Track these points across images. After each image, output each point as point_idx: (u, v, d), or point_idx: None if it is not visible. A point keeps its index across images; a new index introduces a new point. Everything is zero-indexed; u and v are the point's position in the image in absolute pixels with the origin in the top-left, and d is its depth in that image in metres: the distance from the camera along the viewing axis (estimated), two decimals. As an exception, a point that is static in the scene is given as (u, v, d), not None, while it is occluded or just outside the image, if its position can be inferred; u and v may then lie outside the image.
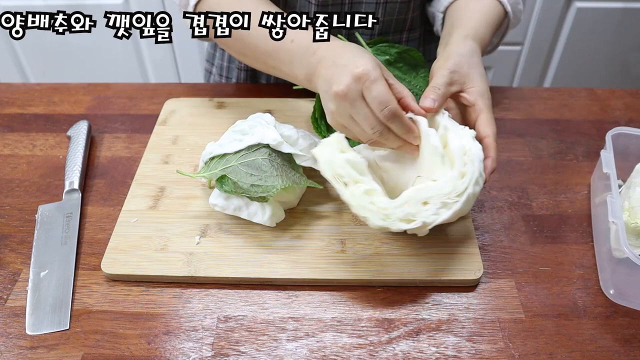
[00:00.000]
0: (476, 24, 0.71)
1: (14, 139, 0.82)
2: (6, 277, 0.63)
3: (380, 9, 0.83)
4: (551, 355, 0.55)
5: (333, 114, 0.59)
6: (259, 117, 0.70)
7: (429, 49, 0.94)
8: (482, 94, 0.63)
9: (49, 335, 0.57)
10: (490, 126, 0.62)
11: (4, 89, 0.92)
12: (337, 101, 0.57)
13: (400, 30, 0.87)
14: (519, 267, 0.64)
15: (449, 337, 0.57)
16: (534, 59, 1.59)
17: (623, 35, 1.53)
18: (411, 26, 0.88)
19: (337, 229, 0.66)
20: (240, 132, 0.68)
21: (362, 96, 0.57)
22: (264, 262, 0.62)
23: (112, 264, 0.62)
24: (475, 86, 0.63)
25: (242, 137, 0.67)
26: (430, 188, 0.57)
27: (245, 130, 0.68)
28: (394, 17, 0.85)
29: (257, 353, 0.56)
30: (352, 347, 0.56)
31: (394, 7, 0.83)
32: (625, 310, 0.59)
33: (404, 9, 0.84)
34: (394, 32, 0.87)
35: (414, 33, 0.89)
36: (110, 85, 0.93)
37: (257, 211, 0.64)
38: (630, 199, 0.63)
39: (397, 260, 0.62)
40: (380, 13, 0.83)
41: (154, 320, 0.58)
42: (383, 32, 0.86)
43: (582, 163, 0.77)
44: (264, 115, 0.70)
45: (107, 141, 0.82)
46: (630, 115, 0.86)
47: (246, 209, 0.64)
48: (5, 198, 0.73)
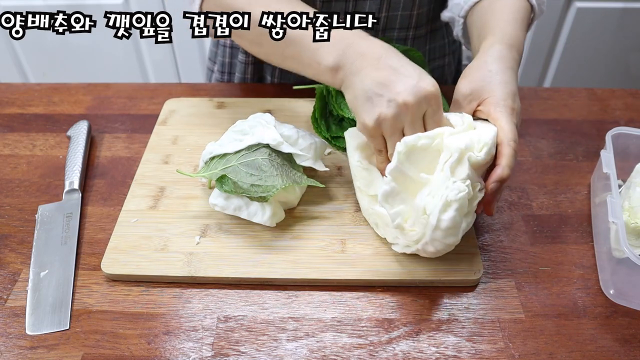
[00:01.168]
0: (503, 24, 0.68)
1: (14, 139, 0.82)
2: (6, 277, 0.63)
3: (385, 4, 0.83)
4: (551, 355, 0.55)
5: (384, 119, 0.57)
6: (259, 117, 0.70)
7: (433, 47, 0.94)
8: (497, 103, 0.60)
9: (49, 335, 0.57)
10: (505, 132, 0.58)
11: (4, 89, 0.92)
12: (399, 110, 0.56)
13: (406, 27, 0.87)
14: (519, 267, 0.64)
15: (449, 337, 0.57)
16: (534, 59, 1.59)
17: (623, 35, 1.53)
18: (417, 23, 0.87)
19: (337, 229, 0.66)
20: (241, 132, 0.68)
21: (423, 115, 0.57)
22: (264, 262, 0.62)
23: (112, 264, 0.62)
24: (490, 96, 0.61)
25: (242, 137, 0.67)
26: (387, 220, 0.57)
27: (246, 130, 0.68)
28: (399, 12, 0.84)
29: (257, 353, 0.56)
30: (352, 347, 0.56)
31: (398, 2, 0.83)
32: (625, 310, 0.59)
33: (409, 5, 0.84)
34: (400, 29, 0.87)
35: (420, 30, 0.89)
36: (110, 85, 0.93)
37: (257, 211, 0.64)
38: (630, 199, 0.63)
39: (397, 260, 0.62)
40: (385, 8, 0.83)
41: (154, 320, 0.58)
42: (387, 27, 0.86)
43: (582, 163, 0.77)
44: (264, 115, 0.70)
45: (107, 141, 0.82)
46: (630, 115, 0.86)
47: (246, 209, 0.64)
48: (5, 198, 0.73)
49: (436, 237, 0.54)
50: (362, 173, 0.65)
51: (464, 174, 0.54)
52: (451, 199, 0.53)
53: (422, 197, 0.55)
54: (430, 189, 0.55)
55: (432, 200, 0.54)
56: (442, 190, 0.54)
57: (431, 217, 0.53)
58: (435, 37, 0.93)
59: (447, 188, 0.53)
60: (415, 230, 0.55)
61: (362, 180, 0.65)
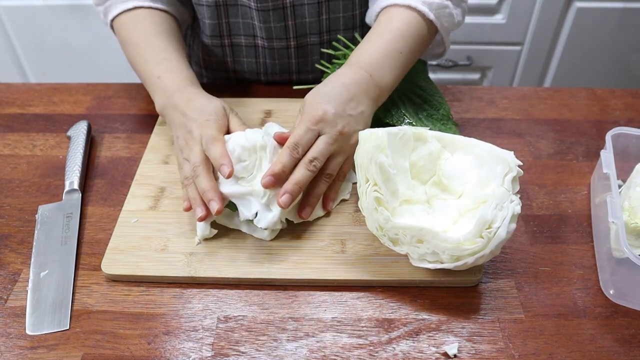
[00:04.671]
0: (366, 46, 0.72)
1: (14, 139, 0.82)
2: (6, 277, 0.63)
3: (324, 7, 0.84)
4: (551, 355, 0.55)
5: (177, 144, 0.68)
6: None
7: None
8: (302, 107, 0.67)
9: (49, 335, 0.57)
10: (291, 135, 0.64)
11: (4, 89, 0.92)
12: (186, 142, 0.66)
13: (351, 27, 0.88)
14: (519, 267, 0.64)
15: (449, 337, 0.57)
16: (534, 59, 1.59)
17: (623, 35, 1.53)
18: (362, 23, 0.88)
19: (337, 229, 0.66)
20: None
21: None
22: (264, 262, 0.62)
23: (112, 264, 0.62)
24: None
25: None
26: (434, 232, 0.56)
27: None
28: (340, 14, 0.85)
29: (257, 353, 0.56)
30: (352, 347, 0.56)
31: (337, 4, 0.84)
32: (625, 310, 0.59)
33: (349, 6, 0.85)
34: (344, 29, 0.87)
35: (368, 29, 0.89)
36: (110, 85, 0.93)
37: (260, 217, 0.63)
38: (630, 199, 0.63)
39: (397, 260, 0.62)
40: (324, 11, 0.84)
41: (154, 321, 0.58)
42: (331, 29, 0.87)
43: (582, 163, 0.77)
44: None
45: (107, 141, 0.82)
46: (630, 115, 0.86)
47: (246, 226, 0.65)
48: (5, 198, 0.73)
49: (493, 249, 0.55)
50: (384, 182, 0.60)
51: (517, 188, 0.59)
52: (517, 212, 0.56)
53: (488, 210, 0.56)
54: (496, 202, 0.56)
55: (499, 213, 0.56)
56: (506, 203, 0.56)
57: (500, 229, 0.55)
58: None
59: (512, 202, 0.57)
60: (477, 243, 0.55)
61: (370, 176, 0.60)
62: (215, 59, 0.93)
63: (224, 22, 0.86)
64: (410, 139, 0.63)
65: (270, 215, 0.62)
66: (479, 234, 0.55)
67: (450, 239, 0.55)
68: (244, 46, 0.89)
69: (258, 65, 0.91)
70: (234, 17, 0.85)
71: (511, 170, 0.59)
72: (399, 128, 0.63)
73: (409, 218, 0.60)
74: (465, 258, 0.55)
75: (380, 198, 0.59)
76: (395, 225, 0.57)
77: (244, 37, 0.88)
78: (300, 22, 0.85)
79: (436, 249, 0.56)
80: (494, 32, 1.54)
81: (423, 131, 0.64)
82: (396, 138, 0.62)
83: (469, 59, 1.59)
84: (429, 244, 0.56)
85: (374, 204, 0.58)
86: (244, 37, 0.88)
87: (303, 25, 0.85)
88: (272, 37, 0.86)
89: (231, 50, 0.90)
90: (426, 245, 0.56)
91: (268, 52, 0.88)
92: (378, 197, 0.59)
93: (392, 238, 0.59)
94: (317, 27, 0.86)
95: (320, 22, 0.85)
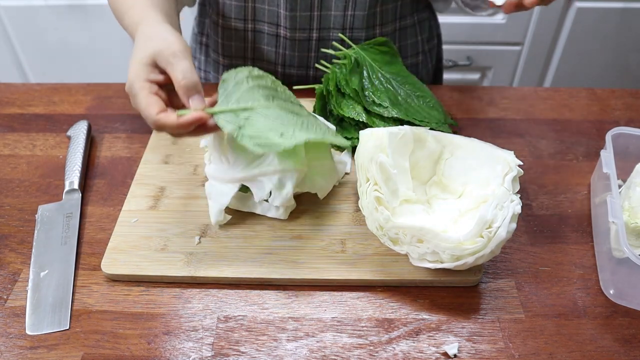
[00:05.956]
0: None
1: (14, 139, 0.82)
2: (6, 277, 0.63)
3: (350, 3, 0.84)
4: (551, 355, 0.55)
5: None
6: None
7: (404, 45, 0.94)
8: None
9: (49, 335, 0.57)
10: None
11: (4, 89, 0.92)
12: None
13: (372, 25, 0.88)
14: (519, 267, 0.64)
15: (449, 337, 0.57)
16: (534, 59, 1.59)
17: (623, 35, 1.53)
18: (382, 21, 0.88)
19: (337, 229, 0.66)
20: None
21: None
22: (264, 262, 0.62)
23: (112, 264, 0.62)
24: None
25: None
26: (434, 231, 0.56)
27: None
28: (365, 12, 0.85)
29: (257, 353, 0.56)
30: (352, 347, 0.56)
31: (364, 1, 0.84)
32: (625, 310, 0.59)
33: (373, 2, 0.85)
34: (367, 28, 0.88)
35: (387, 28, 0.90)
36: (110, 85, 0.93)
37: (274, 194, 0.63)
38: (630, 199, 0.63)
39: (397, 260, 0.62)
40: (350, 6, 0.84)
41: (154, 320, 0.58)
42: (355, 27, 0.87)
43: (582, 163, 0.77)
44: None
45: (107, 141, 0.82)
46: (630, 115, 0.86)
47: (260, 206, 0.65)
48: (5, 198, 0.73)
49: (493, 249, 0.55)
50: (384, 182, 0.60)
51: (517, 187, 0.59)
52: (517, 212, 0.56)
53: (489, 210, 0.56)
54: (497, 202, 0.56)
55: (500, 212, 0.56)
56: (507, 203, 0.56)
57: (500, 229, 0.55)
58: (404, 35, 0.93)
59: (512, 202, 0.57)
60: (477, 243, 0.55)
61: (371, 176, 0.60)
62: (235, 45, 0.93)
63: (250, 6, 0.87)
64: (411, 139, 0.64)
65: (284, 192, 0.62)
66: (479, 234, 0.55)
67: (451, 239, 0.55)
68: (266, 34, 0.89)
69: (277, 55, 0.91)
70: (260, 2, 0.86)
71: (511, 170, 0.59)
72: (400, 128, 0.63)
73: (409, 218, 0.60)
74: (466, 258, 0.55)
75: (381, 197, 0.59)
76: (395, 225, 0.57)
77: (267, 25, 0.88)
78: (325, 15, 0.85)
79: (436, 248, 0.56)
80: (494, 32, 1.54)
81: (423, 131, 0.64)
82: (396, 138, 0.62)
83: (469, 59, 1.59)
84: (429, 244, 0.56)
85: (374, 204, 0.58)
86: (267, 25, 0.88)
87: (328, 18, 0.85)
88: (295, 27, 0.86)
89: (253, 36, 0.90)
90: (426, 245, 0.56)
91: (289, 43, 0.88)
92: (378, 197, 0.59)
93: (392, 238, 0.59)
94: (341, 22, 0.86)
95: (344, 18, 0.85)
